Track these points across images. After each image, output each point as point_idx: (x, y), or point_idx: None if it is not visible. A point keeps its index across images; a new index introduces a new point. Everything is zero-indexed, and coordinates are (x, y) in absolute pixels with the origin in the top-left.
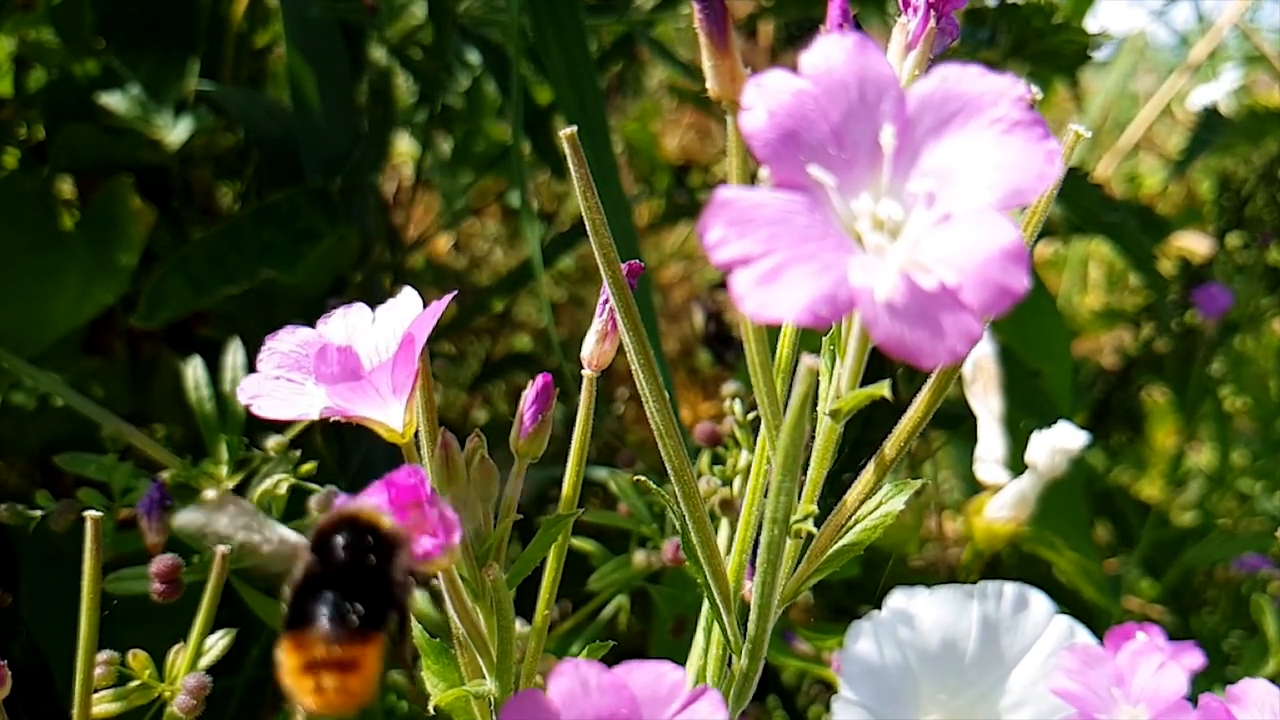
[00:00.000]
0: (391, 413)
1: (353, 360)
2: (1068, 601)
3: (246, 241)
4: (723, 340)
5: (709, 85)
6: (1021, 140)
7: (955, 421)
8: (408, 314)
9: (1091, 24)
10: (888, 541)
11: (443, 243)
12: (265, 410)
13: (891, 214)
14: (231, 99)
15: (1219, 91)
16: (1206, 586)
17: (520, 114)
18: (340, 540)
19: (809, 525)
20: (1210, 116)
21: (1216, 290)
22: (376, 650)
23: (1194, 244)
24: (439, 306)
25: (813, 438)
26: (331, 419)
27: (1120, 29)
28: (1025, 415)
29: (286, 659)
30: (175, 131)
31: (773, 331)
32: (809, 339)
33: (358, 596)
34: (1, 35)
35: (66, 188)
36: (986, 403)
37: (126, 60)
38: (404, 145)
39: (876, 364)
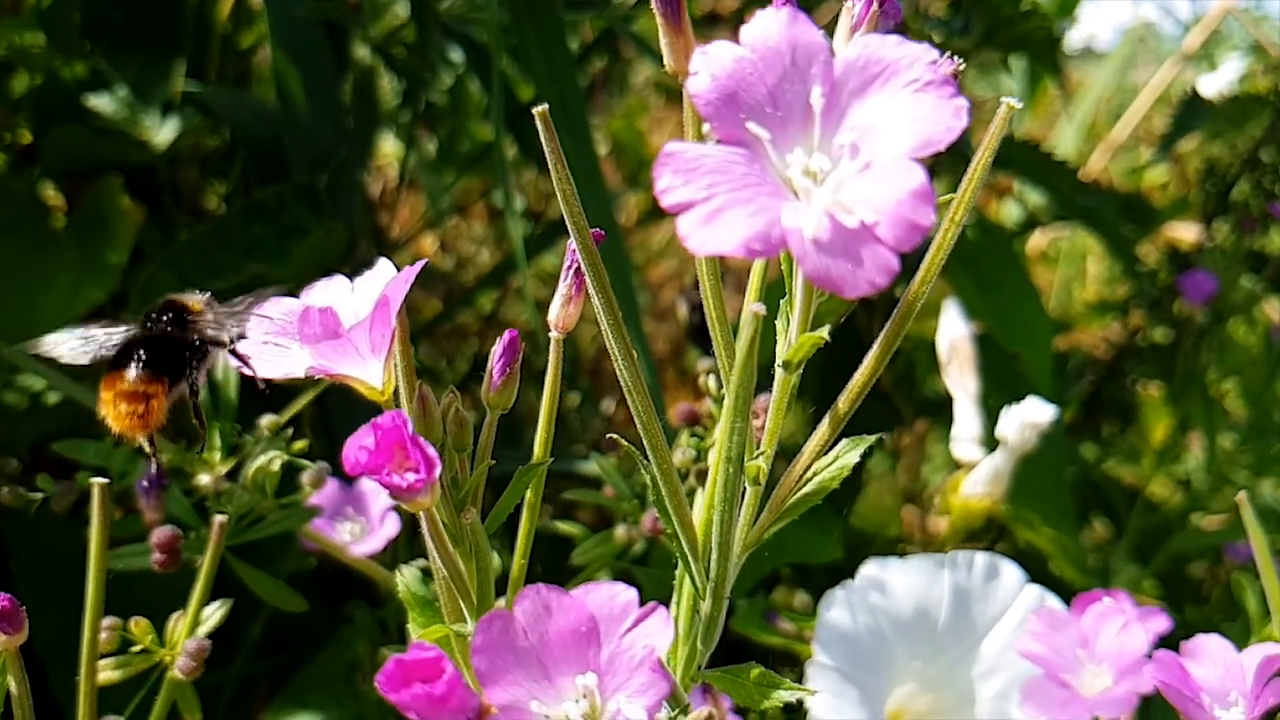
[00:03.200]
0: (371, 370)
1: (333, 320)
2: (1061, 592)
3: (235, 238)
4: (708, 332)
5: (666, 61)
6: (933, 98)
7: (938, 409)
8: (384, 280)
9: (1085, 14)
10: (869, 524)
11: (428, 244)
12: (255, 370)
13: (821, 166)
14: (218, 99)
15: (1221, 82)
16: (1213, 584)
17: (502, 108)
18: (157, 314)
19: (761, 463)
20: (1192, 101)
21: (1201, 276)
22: (162, 388)
23: (1187, 234)
24: (412, 271)
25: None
26: (323, 402)
27: (1118, 20)
28: (1004, 399)
29: (101, 392)
30: (163, 132)
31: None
32: (770, 308)
33: (156, 352)
34: None
35: (52, 193)
36: (962, 383)
37: (113, 63)
38: (388, 146)
39: (856, 347)
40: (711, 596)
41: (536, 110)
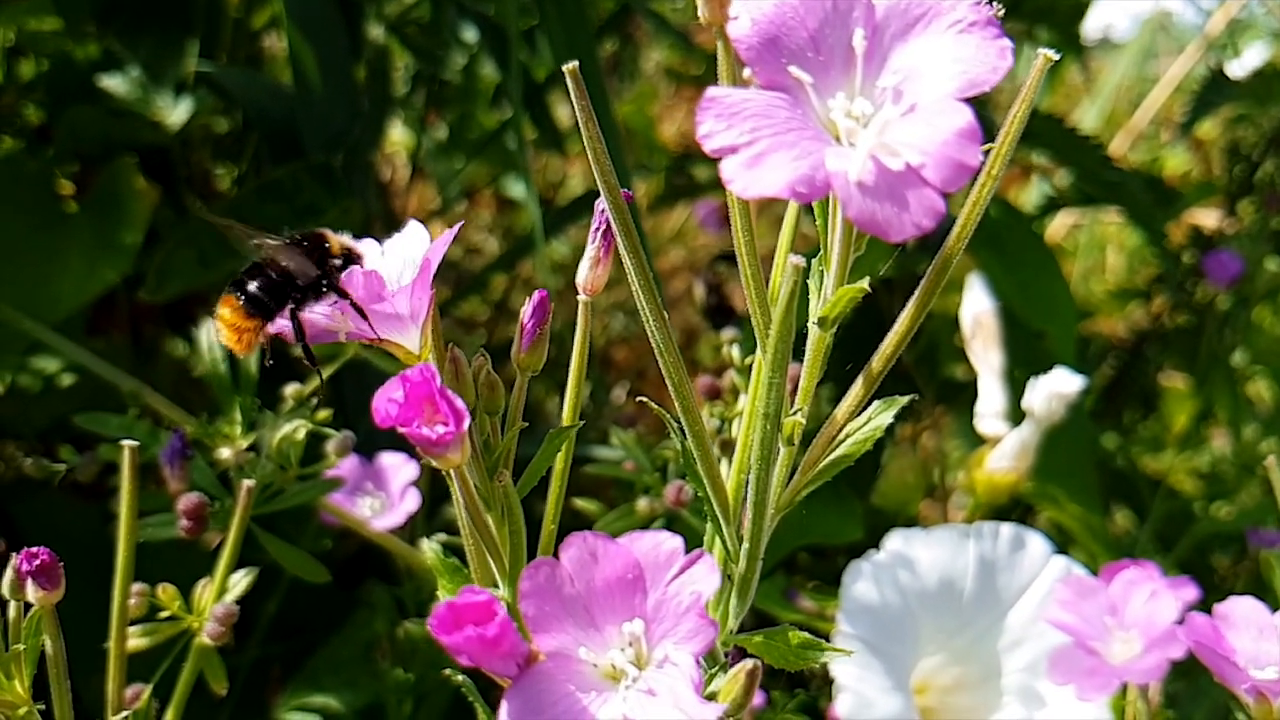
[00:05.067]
0: (409, 335)
1: (378, 283)
2: None
3: (250, 218)
4: (723, 312)
5: (700, 12)
6: (978, 38)
7: (958, 393)
8: (418, 243)
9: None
10: (890, 503)
11: (437, 232)
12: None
13: (863, 110)
14: (231, 79)
15: (1244, 68)
16: (1234, 580)
17: (520, 82)
18: (298, 240)
19: (799, 418)
20: (1215, 78)
21: (1227, 256)
22: (256, 324)
23: (1209, 220)
24: (450, 234)
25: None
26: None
27: (1137, 9)
28: (1028, 375)
29: (219, 306)
30: (176, 112)
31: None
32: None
33: (262, 288)
34: None
35: (65, 175)
36: (986, 358)
37: (126, 43)
38: (398, 135)
39: (878, 332)
40: (746, 558)
41: (567, 67)
